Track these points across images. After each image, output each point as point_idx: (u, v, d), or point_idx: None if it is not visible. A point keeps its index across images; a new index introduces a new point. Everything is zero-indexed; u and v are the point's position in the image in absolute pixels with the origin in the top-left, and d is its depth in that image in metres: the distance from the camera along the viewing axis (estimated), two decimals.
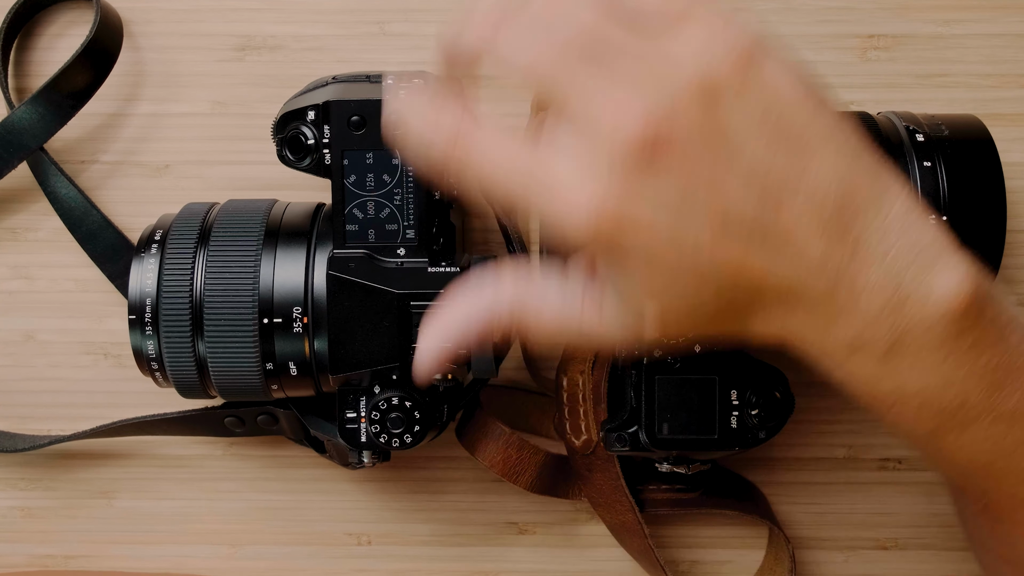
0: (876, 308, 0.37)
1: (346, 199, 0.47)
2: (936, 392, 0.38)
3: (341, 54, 0.58)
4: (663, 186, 0.35)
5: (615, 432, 0.50)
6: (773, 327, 0.38)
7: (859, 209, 0.37)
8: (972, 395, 0.38)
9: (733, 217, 0.36)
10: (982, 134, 0.50)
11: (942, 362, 0.37)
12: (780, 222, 0.36)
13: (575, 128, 0.36)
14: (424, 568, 0.60)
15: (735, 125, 0.36)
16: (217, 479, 0.59)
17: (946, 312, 0.37)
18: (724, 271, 0.37)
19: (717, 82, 0.35)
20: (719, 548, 0.60)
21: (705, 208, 0.36)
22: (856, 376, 0.38)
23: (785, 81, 0.36)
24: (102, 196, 0.58)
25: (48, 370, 0.59)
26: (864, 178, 0.37)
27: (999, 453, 0.39)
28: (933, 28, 0.57)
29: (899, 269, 0.37)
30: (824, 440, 0.59)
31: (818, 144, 0.36)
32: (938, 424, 0.39)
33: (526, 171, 0.36)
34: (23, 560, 0.60)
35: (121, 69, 0.57)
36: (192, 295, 0.47)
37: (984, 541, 0.45)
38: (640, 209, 0.35)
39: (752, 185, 0.36)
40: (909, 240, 0.37)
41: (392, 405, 0.47)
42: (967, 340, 0.37)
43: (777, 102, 0.36)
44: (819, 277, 0.37)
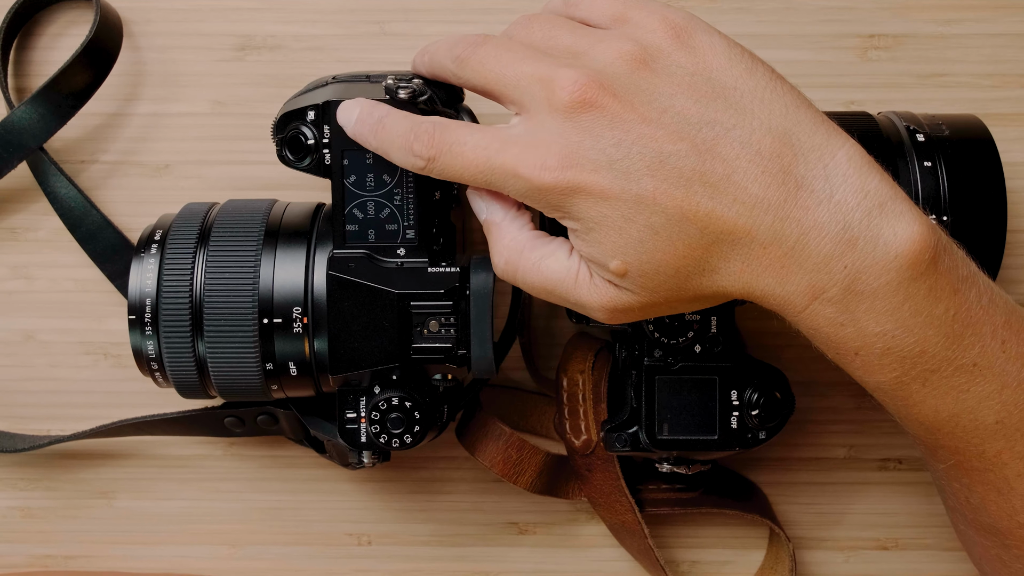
0: (827, 249, 0.39)
1: (346, 199, 0.47)
2: (896, 339, 0.39)
3: (341, 54, 0.58)
4: (602, 134, 0.39)
5: (615, 432, 0.50)
6: (736, 279, 0.40)
7: (798, 154, 0.39)
8: (931, 343, 0.40)
9: (669, 164, 0.39)
10: (983, 134, 0.50)
11: (899, 307, 0.39)
12: (717, 167, 0.39)
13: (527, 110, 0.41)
14: (424, 568, 0.60)
15: (664, 85, 0.40)
16: (217, 479, 0.59)
17: (898, 255, 0.39)
18: (672, 218, 0.39)
19: (648, 50, 0.40)
20: (719, 548, 0.60)
21: (640, 156, 0.39)
22: (818, 323, 0.40)
23: (715, 49, 0.41)
24: (102, 196, 0.58)
25: (48, 370, 0.59)
26: (803, 127, 0.40)
27: (963, 407, 0.41)
28: (934, 28, 0.57)
29: (845, 210, 0.39)
30: (824, 440, 0.59)
31: (750, 99, 0.40)
32: (901, 373, 0.40)
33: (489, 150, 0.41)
34: (23, 560, 0.60)
35: (121, 69, 0.57)
36: (192, 295, 0.47)
37: (959, 510, 0.46)
38: (584, 160, 0.39)
39: (684, 135, 0.39)
40: (854, 184, 0.39)
41: (392, 405, 0.47)
42: (922, 286, 0.39)
43: (706, 66, 0.40)
44: (763, 217, 0.39)
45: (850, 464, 0.59)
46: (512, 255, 0.43)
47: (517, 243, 0.43)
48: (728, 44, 0.41)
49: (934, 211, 0.48)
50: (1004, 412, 0.41)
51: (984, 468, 0.42)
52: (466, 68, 0.43)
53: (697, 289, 0.41)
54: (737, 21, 0.57)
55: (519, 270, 0.43)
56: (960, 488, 0.44)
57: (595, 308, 0.42)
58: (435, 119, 0.43)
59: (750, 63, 0.41)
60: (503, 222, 0.44)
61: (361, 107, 0.45)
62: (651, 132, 0.39)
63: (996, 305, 0.41)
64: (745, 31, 0.57)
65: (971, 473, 0.43)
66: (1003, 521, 0.43)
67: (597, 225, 0.40)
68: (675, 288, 0.41)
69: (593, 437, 0.53)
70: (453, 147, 0.42)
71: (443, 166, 0.42)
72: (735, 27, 0.57)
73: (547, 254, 0.43)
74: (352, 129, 0.45)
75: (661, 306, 0.42)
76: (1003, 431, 0.41)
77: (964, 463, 0.43)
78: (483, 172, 0.41)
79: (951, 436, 0.42)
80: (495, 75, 0.42)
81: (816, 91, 0.57)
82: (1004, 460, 0.42)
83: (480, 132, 0.42)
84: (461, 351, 0.46)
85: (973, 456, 0.42)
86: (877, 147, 0.49)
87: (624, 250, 0.40)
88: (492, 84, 0.42)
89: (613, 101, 0.39)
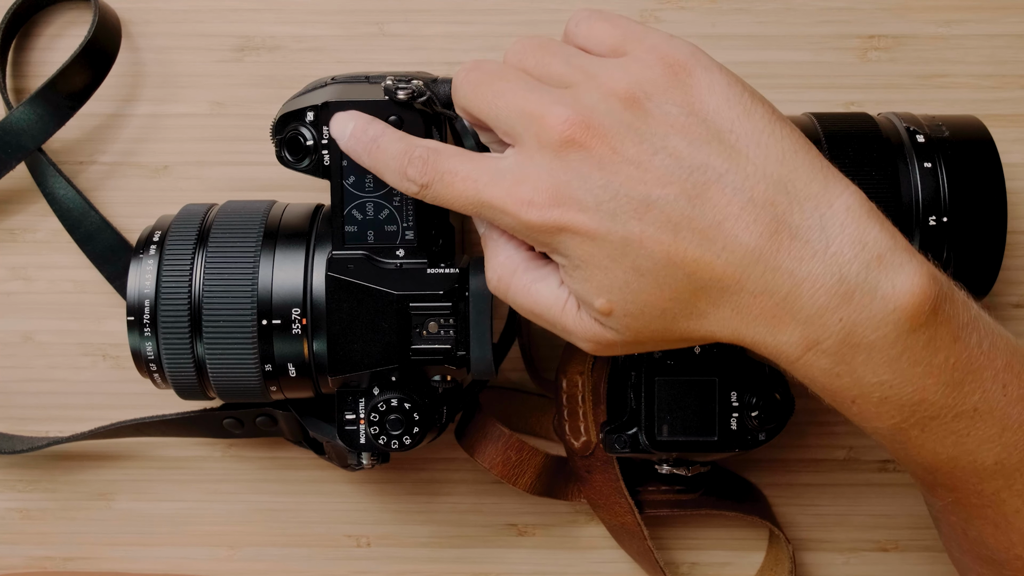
0: (822, 301, 0.38)
1: (345, 200, 0.47)
2: (894, 388, 0.39)
3: (340, 54, 0.58)
4: (591, 174, 0.38)
5: (615, 434, 0.50)
6: (724, 325, 0.39)
7: (794, 202, 0.38)
8: (931, 392, 0.39)
9: (657, 207, 0.38)
10: (983, 135, 0.50)
11: (897, 359, 0.38)
12: (707, 213, 0.38)
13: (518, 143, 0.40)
14: (423, 570, 0.60)
15: (658, 124, 0.39)
16: (216, 481, 0.59)
17: (895, 309, 0.38)
18: (659, 262, 0.38)
19: (643, 88, 0.39)
20: (719, 549, 0.59)
21: (628, 198, 0.38)
22: (813, 373, 0.39)
23: (714, 88, 0.39)
24: (100, 197, 0.58)
25: (47, 371, 0.59)
26: (801, 174, 0.39)
27: (963, 450, 0.40)
28: (934, 29, 0.57)
29: (841, 262, 0.38)
30: (824, 441, 0.59)
31: (746, 143, 0.39)
32: (900, 420, 0.39)
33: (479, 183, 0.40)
34: (21, 562, 0.60)
35: (119, 70, 0.57)
36: (191, 296, 0.47)
37: (956, 539, 0.46)
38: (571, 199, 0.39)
39: (675, 177, 0.38)
40: (851, 235, 0.38)
41: (391, 407, 0.47)
42: (921, 338, 0.38)
43: (703, 105, 0.39)
44: (754, 267, 0.38)
45: (850, 466, 0.59)
46: (505, 273, 0.43)
47: (511, 262, 0.43)
48: (728, 83, 0.39)
49: (934, 212, 0.48)
50: (1004, 453, 0.40)
51: (982, 505, 0.42)
52: (457, 94, 0.43)
53: (684, 332, 0.40)
54: (737, 21, 0.57)
55: (510, 290, 0.43)
56: (958, 521, 0.44)
57: (580, 340, 0.42)
58: (430, 144, 0.42)
59: (749, 104, 0.39)
60: (500, 239, 0.43)
61: (355, 122, 0.44)
62: (640, 175, 0.38)
63: (997, 348, 0.40)
64: (745, 31, 0.57)
65: (969, 509, 0.42)
66: (1001, 553, 0.43)
67: (583, 263, 0.40)
68: (661, 330, 0.40)
69: (592, 438, 0.53)
70: (445, 176, 0.41)
71: (435, 194, 0.41)
72: (735, 27, 0.57)
73: (538, 278, 0.42)
74: (345, 144, 0.44)
75: (647, 344, 0.41)
76: (1002, 471, 0.40)
77: (962, 500, 0.42)
78: (472, 204, 0.41)
79: (949, 476, 0.41)
80: (486, 104, 0.41)
81: (816, 91, 0.57)
82: (1003, 498, 0.41)
83: (472, 162, 0.41)
84: (460, 352, 0.46)
85: (971, 494, 0.42)
86: (877, 148, 0.49)
87: (609, 290, 0.39)
88: (483, 113, 0.41)
89: (602, 142, 0.38)
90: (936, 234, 0.48)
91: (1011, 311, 0.58)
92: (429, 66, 0.56)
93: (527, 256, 0.43)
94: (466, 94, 0.42)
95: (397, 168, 0.42)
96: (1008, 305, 0.58)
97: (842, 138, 0.49)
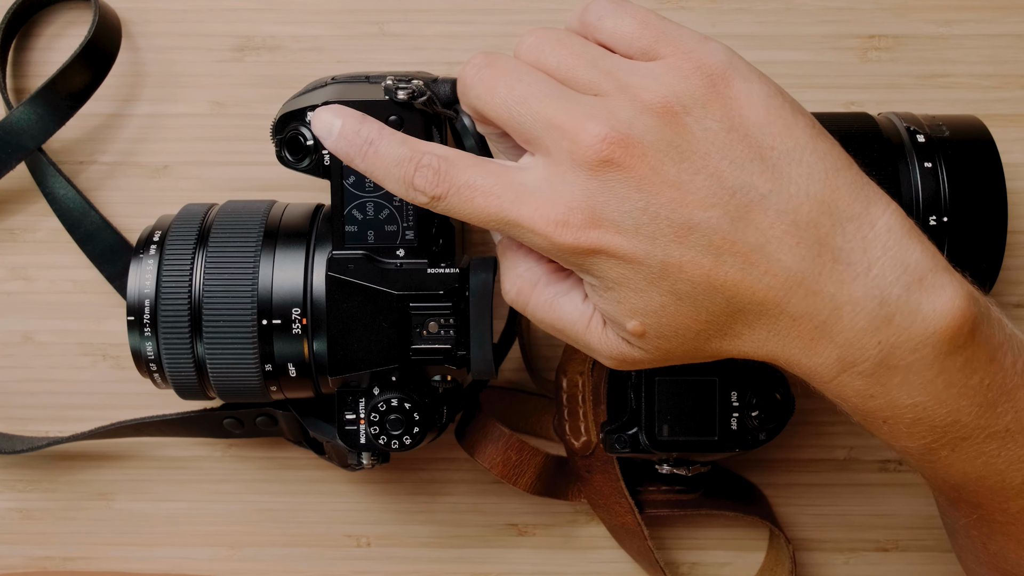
0: (861, 324, 0.37)
1: (345, 200, 0.47)
2: (928, 410, 0.38)
3: (341, 54, 0.57)
4: (628, 195, 0.36)
5: (615, 434, 0.50)
6: (759, 345, 0.38)
7: (837, 224, 0.37)
8: (964, 414, 0.38)
9: (699, 230, 0.36)
10: (983, 135, 0.50)
11: (933, 381, 0.37)
12: (749, 236, 0.37)
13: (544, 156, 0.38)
14: (423, 570, 0.60)
15: (698, 142, 0.37)
16: (216, 481, 0.59)
17: (935, 331, 0.37)
18: (699, 286, 0.37)
19: (682, 101, 0.37)
20: (719, 550, 0.59)
21: (668, 222, 0.36)
22: (846, 393, 0.38)
23: (754, 100, 0.37)
24: (101, 197, 0.58)
25: (47, 371, 0.59)
26: (843, 193, 0.37)
27: (992, 469, 0.39)
28: (934, 28, 0.57)
29: (883, 285, 0.37)
30: (824, 442, 0.59)
31: (790, 160, 0.37)
32: (931, 440, 0.39)
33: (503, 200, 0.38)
34: (21, 562, 0.60)
35: (120, 69, 0.57)
36: (191, 296, 0.47)
37: (975, 552, 0.45)
38: (608, 221, 0.37)
39: (718, 199, 0.36)
40: (894, 257, 0.37)
41: (391, 406, 0.47)
42: (958, 360, 0.37)
43: (744, 120, 0.37)
44: (795, 290, 0.37)
45: (850, 465, 0.59)
46: (525, 286, 0.41)
47: (532, 275, 0.41)
48: (767, 93, 0.38)
49: (934, 212, 0.48)
50: None
51: (1007, 522, 0.41)
52: (469, 93, 0.40)
53: (715, 351, 0.39)
54: (737, 21, 0.57)
55: (531, 303, 0.41)
56: (979, 536, 0.43)
57: (604, 357, 0.41)
58: (439, 151, 0.39)
59: (790, 118, 0.38)
60: (519, 250, 0.41)
61: (344, 120, 0.40)
62: (681, 196, 0.36)
63: None
64: (745, 31, 0.57)
65: (992, 525, 0.42)
66: (1021, 567, 0.42)
67: (617, 285, 0.38)
68: (692, 349, 0.39)
69: (593, 438, 0.53)
70: (463, 190, 0.38)
71: (449, 207, 0.39)
72: (735, 27, 0.57)
73: (561, 292, 0.40)
74: (333, 144, 0.40)
75: (673, 361, 0.40)
76: None
77: (986, 516, 0.42)
78: (495, 222, 0.38)
79: (975, 494, 0.41)
80: (504, 108, 0.38)
81: (816, 91, 0.57)
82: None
83: (493, 176, 0.38)
84: (460, 352, 0.46)
85: (996, 511, 0.41)
86: (877, 148, 0.49)
87: (644, 312, 0.38)
88: (500, 118, 0.39)
89: (642, 161, 0.36)
90: (936, 234, 0.48)
91: (1011, 311, 0.58)
92: (429, 66, 0.56)
93: (548, 269, 0.41)
94: (480, 95, 0.39)
95: (401, 176, 0.39)
96: (1008, 305, 0.58)
97: (842, 138, 0.48)
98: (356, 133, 0.40)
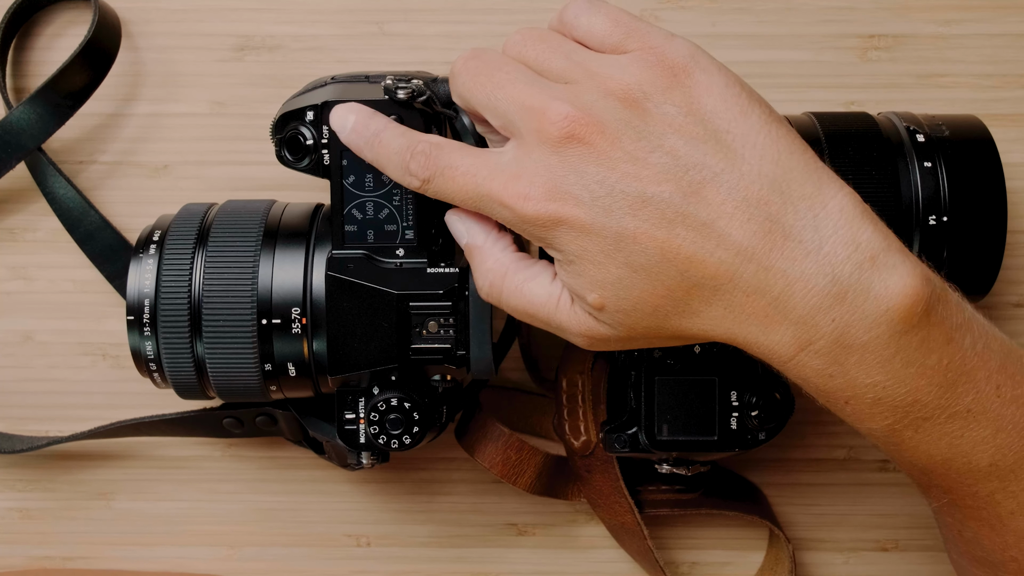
0: (814, 301, 0.38)
1: (345, 200, 0.47)
2: (887, 389, 0.39)
3: (341, 54, 0.58)
4: (587, 170, 0.39)
5: (614, 433, 0.50)
6: (717, 323, 0.40)
7: (788, 202, 0.38)
8: (924, 393, 0.39)
9: (652, 204, 0.39)
10: (983, 134, 0.50)
11: (890, 360, 0.38)
12: (701, 211, 0.38)
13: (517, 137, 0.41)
14: (423, 569, 0.60)
15: (656, 123, 0.39)
16: (216, 480, 0.59)
17: (888, 309, 0.38)
18: (653, 258, 0.39)
19: (642, 88, 0.40)
20: (719, 549, 0.59)
21: (623, 195, 0.39)
22: (806, 373, 0.39)
23: (712, 89, 0.40)
24: (100, 196, 0.58)
25: (46, 371, 0.59)
26: (796, 175, 0.39)
27: (957, 451, 0.40)
28: (934, 28, 0.57)
29: (835, 263, 0.38)
30: (824, 441, 0.59)
31: (742, 143, 0.39)
32: (894, 420, 0.40)
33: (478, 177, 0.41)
34: (21, 561, 0.60)
35: (119, 69, 0.57)
36: (191, 296, 0.47)
37: (953, 541, 0.46)
38: (567, 194, 0.39)
39: (671, 175, 0.39)
40: (845, 236, 0.38)
41: (391, 406, 0.47)
42: (914, 339, 0.38)
43: (702, 106, 0.39)
44: (746, 265, 0.38)
45: (850, 465, 0.59)
46: (495, 278, 0.43)
47: (500, 265, 0.43)
48: (725, 83, 0.40)
49: (934, 212, 0.48)
50: (998, 455, 0.40)
51: (977, 506, 0.42)
52: (456, 82, 0.43)
53: (676, 329, 0.40)
54: (737, 21, 0.57)
55: (503, 293, 0.43)
56: (953, 523, 0.44)
57: (574, 335, 0.42)
58: (432, 138, 0.43)
59: (746, 104, 0.40)
60: (485, 244, 0.43)
61: (356, 115, 0.45)
62: (636, 171, 0.39)
63: (991, 349, 0.40)
64: (745, 31, 0.57)
65: (964, 510, 0.43)
66: (996, 554, 0.43)
67: (577, 258, 0.40)
68: (653, 326, 0.40)
69: (592, 438, 0.53)
70: (446, 170, 0.42)
71: (437, 188, 0.42)
72: (735, 27, 0.57)
73: (530, 277, 0.43)
74: (346, 137, 0.45)
75: (640, 340, 0.42)
76: (997, 472, 0.40)
77: (957, 501, 0.42)
78: (472, 198, 0.41)
79: (944, 477, 0.41)
80: (484, 95, 0.42)
81: (816, 91, 0.57)
82: (997, 500, 0.41)
83: (472, 156, 0.42)
84: (460, 352, 0.46)
85: (966, 495, 0.42)
86: (877, 147, 0.49)
87: (602, 285, 0.40)
88: (481, 104, 0.42)
89: (601, 138, 0.39)
90: (936, 233, 0.48)
91: (1011, 311, 0.58)
92: (429, 66, 0.56)
93: (515, 257, 0.43)
94: (465, 82, 0.42)
95: (399, 162, 0.43)
96: (1008, 305, 0.58)
97: (842, 137, 0.49)
98: (366, 126, 0.44)
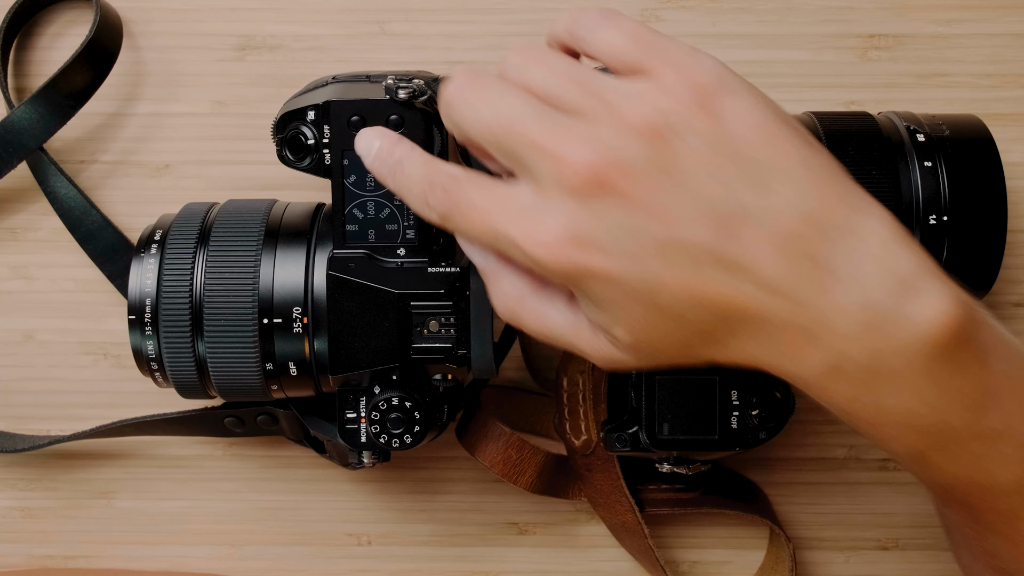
0: (848, 331, 0.37)
1: (346, 199, 0.47)
2: (917, 415, 0.38)
3: (341, 54, 0.58)
4: (613, 218, 0.37)
5: (615, 432, 0.50)
6: (746, 353, 0.38)
7: (823, 235, 0.37)
8: (954, 418, 0.38)
9: (683, 246, 0.37)
10: (983, 134, 0.50)
11: (922, 385, 0.37)
12: (732, 248, 0.37)
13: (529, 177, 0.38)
14: (424, 568, 0.60)
15: (686, 159, 0.37)
16: (217, 479, 0.59)
17: (926, 339, 0.37)
18: (682, 300, 0.37)
19: (667, 120, 0.37)
20: (719, 548, 0.60)
21: (653, 238, 0.37)
22: (833, 398, 0.38)
23: (743, 116, 0.37)
24: (102, 196, 0.58)
25: (48, 370, 0.59)
26: (831, 204, 0.37)
27: (982, 470, 0.39)
28: (934, 28, 0.57)
29: (871, 292, 0.37)
30: (825, 440, 0.59)
31: (778, 174, 0.37)
32: (921, 444, 0.39)
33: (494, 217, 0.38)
34: (22, 560, 0.60)
35: (121, 69, 0.57)
36: (192, 295, 0.47)
37: (969, 548, 0.45)
38: (591, 243, 0.37)
39: (700, 215, 0.36)
40: (881, 264, 0.37)
41: (392, 405, 0.47)
42: (949, 366, 0.37)
43: (732, 136, 0.37)
44: (781, 298, 0.37)
45: (850, 464, 0.59)
46: (512, 303, 0.41)
47: (516, 290, 0.41)
48: (758, 108, 0.37)
49: (934, 211, 0.48)
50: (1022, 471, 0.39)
51: (999, 520, 0.41)
52: (451, 112, 0.39)
53: (701, 357, 0.39)
54: (737, 21, 0.57)
55: (522, 317, 0.41)
56: (973, 534, 0.43)
57: (594, 359, 0.41)
58: (452, 171, 0.40)
59: (780, 132, 0.37)
60: (499, 268, 0.41)
61: (381, 141, 0.43)
62: (664, 215, 0.36)
63: (1018, 368, 0.39)
64: (745, 31, 0.57)
65: (985, 524, 0.42)
66: (1014, 564, 0.42)
67: (603, 303, 0.38)
68: (678, 356, 0.39)
69: (593, 437, 0.53)
70: (462, 207, 0.39)
71: (455, 226, 0.40)
72: (735, 27, 0.57)
73: (546, 300, 0.41)
74: (370, 164, 0.43)
75: (662, 364, 0.40)
76: (1020, 489, 0.40)
77: (978, 515, 0.42)
78: (489, 239, 0.39)
79: (967, 493, 0.41)
80: (486, 129, 0.38)
81: (816, 91, 0.57)
82: (1020, 515, 0.40)
83: (489, 193, 0.39)
84: (461, 351, 0.46)
85: (987, 510, 0.41)
86: (877, 147, 0.49)
87: (628, 324, 0.38)
88: (483, 138, 0.39)
89: (628, 185, 0.36)
90: (936, 233, 0.48)
91: (1011, 310, 0.58)
92: (430, 65, 0.56)
93: (529, 281, 0.41)
94: (461, 113, 0.39)
95: (419, 193, 0.41)
96: (1008, 304, 0.58)
97: (842, 137, 0.49)
98: (389, 153, 0.42)
